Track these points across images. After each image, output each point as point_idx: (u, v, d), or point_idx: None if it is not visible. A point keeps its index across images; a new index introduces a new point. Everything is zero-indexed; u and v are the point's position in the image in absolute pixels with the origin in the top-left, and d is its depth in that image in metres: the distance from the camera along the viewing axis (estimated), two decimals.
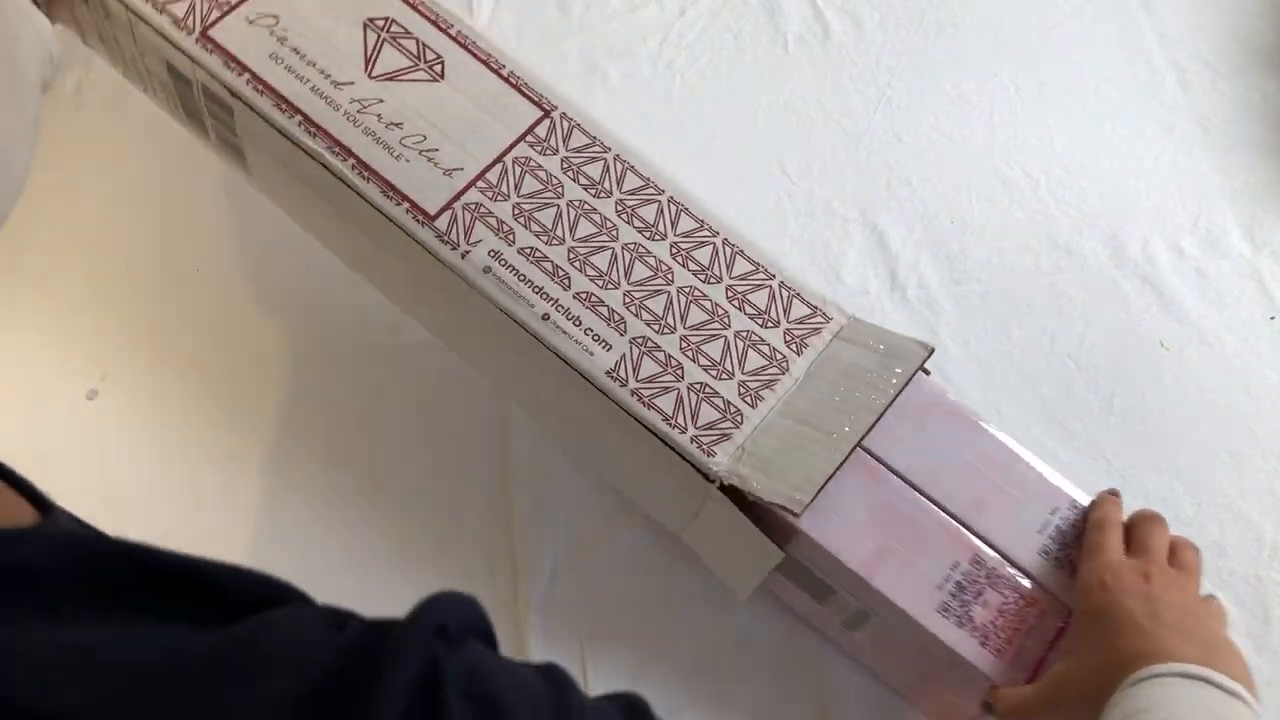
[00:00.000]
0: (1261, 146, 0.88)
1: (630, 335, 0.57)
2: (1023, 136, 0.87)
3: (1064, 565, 0.58)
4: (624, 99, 0.88)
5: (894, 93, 0.89)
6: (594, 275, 0.58)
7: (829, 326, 0.60)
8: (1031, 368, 0.77)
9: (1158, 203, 0.84)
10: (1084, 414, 0.75)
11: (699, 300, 0.59)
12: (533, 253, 0.58)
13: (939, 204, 0.83)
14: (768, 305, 0.59)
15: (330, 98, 0.60)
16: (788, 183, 0.84)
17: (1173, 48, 0.93)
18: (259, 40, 0.60)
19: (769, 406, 0.56)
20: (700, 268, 0.59)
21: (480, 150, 0.60)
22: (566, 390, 0.58)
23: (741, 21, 0.92)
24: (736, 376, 0.57)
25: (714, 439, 0.55)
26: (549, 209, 0.59)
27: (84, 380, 0.72)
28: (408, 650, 0.27)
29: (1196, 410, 0.75)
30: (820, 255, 0.81)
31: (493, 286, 0.57)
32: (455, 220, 0.58)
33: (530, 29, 0.91)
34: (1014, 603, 0.56)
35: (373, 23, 0.62)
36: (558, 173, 0.60)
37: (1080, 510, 0.59)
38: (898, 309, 0.79)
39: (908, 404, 0.59)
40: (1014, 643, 0.55)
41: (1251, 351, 0.78)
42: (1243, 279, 0.81)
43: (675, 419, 0.55)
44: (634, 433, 0.56)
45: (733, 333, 0.58)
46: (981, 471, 0.59)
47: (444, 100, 0.61)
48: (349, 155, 0.59)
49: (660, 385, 0.56)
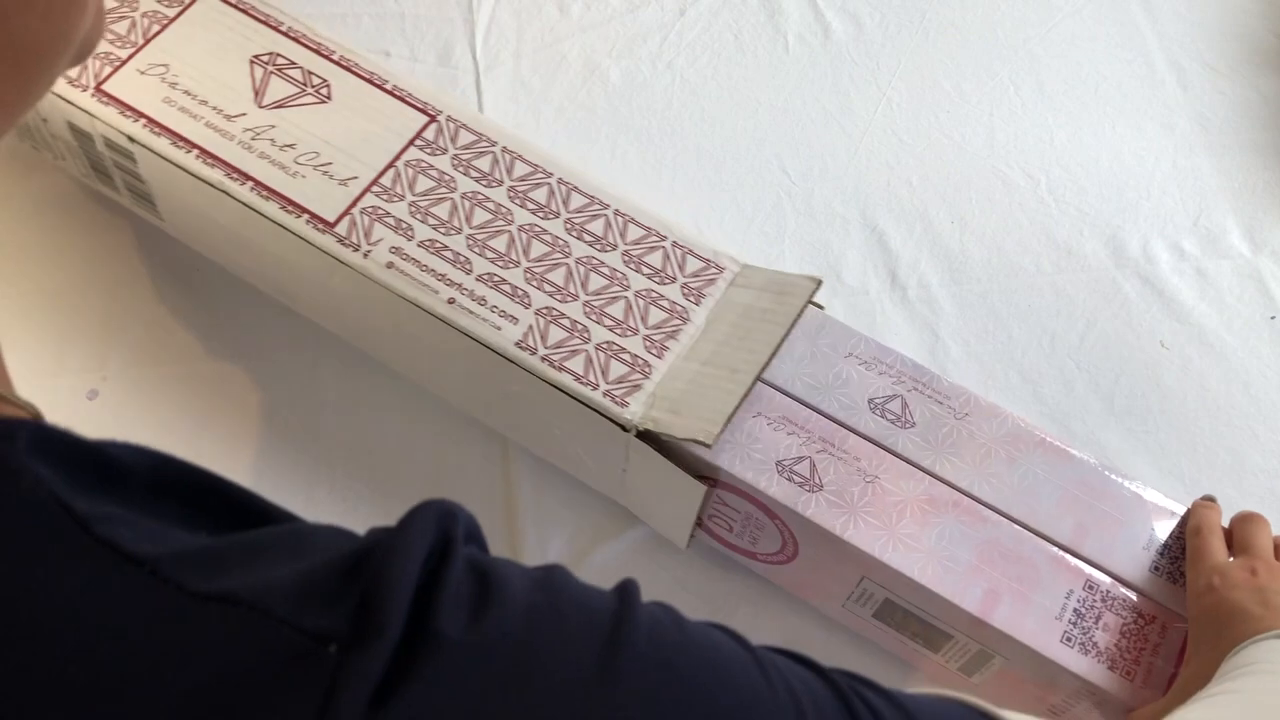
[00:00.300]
0: (1261, 146, 0.88)
1: (535, 307, 0.61)
2: (1023, 136, 0.87)
3: (1176, 578, 0.57)
4: (624, 99, 0.88)
5: (894, 93, 0.89)
6: (494, 257, 0.62)
7: (723, 276, 0.63)
8: (1031, 368, 0.77)
9: (1158, 203, 0.84)
10: (1084, 414, 0.75)
11: (597, 268, 0.62)
12: (432, 244, 0.62)
13: (939, 204, 0.83)
14: (663, 264, 0.63)
15: (224, 129, 0.65)
16: (788, 183, 0.84)
17: (1173, 48, 0.93)
18: (151, 88, 0.66)
19: (675, 355, 0.60)
20: (595, 238, 0.63)
21: (372, 158, 0.64)
22: (484, 369, 0.61)
23: (741, 21, 0.92)
24: (641, 332, 0.61)
25: (625, 390, 0.59)
26: (444, 203, 0.63)
27: (84, 380, 0.72)
28: (422, 524, 0.28)
29: (1196, 410, 0.75)
30: (820, 255, 0.81)
31: (397, 280, 0.61)
32: (355, 224, 0.62)
33: (530, 29, 0.91)
34: (1134, 622, 0.56)
35: (259, 59, 0.67)
36: (449, 169, 0.65)
37: (1181, 521, 0.59)
38: (898, 309, 0.79)
39: (997, 440, 0.60)
40: (1141, 662, 0.55)
41: (1251, 351, 0.78)
42: (1243, 279, 0.81)
43: (587, 378, 0.59)
44: (551, 398, 0.59)
45: (633, 293, 0.62)
46: (1077, 497, 0.59)
47: (333, 119, 0.66)
48: (247, 179, 0.63)
49: (569, 349, 0.60)
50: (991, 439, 0.61)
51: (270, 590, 0.27)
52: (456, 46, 0.90)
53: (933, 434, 0.60)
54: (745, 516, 0.61)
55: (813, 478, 0.59)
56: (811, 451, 0.59)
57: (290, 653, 0.26)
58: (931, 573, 0.56)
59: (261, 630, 0.26)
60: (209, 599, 0.27)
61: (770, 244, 0.81)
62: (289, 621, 0.26)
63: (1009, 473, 0.60)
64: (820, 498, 0.58)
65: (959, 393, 0.62)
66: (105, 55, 0.66)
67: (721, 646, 0.30)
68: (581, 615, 0.29)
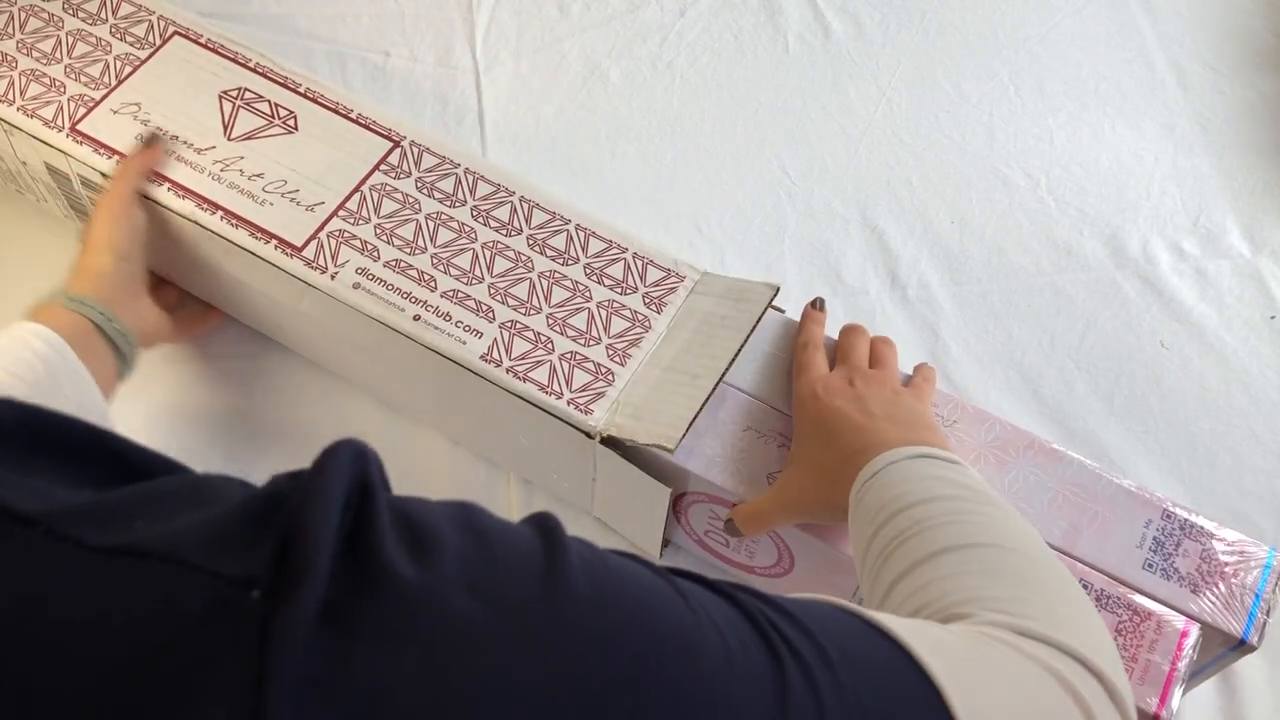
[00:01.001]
0: (1261, 146, 0.88)
1: (499, 321, 0.62)
2: (1023, 136, 0.87)
3: (1171, 576, 0.58)
4: (624, 99, 0.88)
5: (894, 93, 0.89)
6: (458, 274, 0.64)
7: (684, 284, 0.65)
8: (1031, 368, 0.77)
9: (1158, 203, 0.84)
10: (1085, 414, 0.75)
11: (560, 281, 0.64)
12: (398, 264, 0.64)
13: (939, 204, 0.83)
14: (624, 275, 0.65)
15: (194, 162, 0.67)
16: (788, 183, 0.84)
17: (1173, 48, 0.93)
18: (124, 125, 0.68)
19: (637, 362, 0.62)
20: (558, 253, 0.65)
21: (339, 184, 0.67)
22: (452, 384, 0.62)
23: (741, 21, 0.92)
24: (603, 341, 0.62)
25: (589, 398, 0.60)
26: (409, 224, 0.65)
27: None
28: (338, 466, 0.27)
29: (1196, 410, 0.75)
30: (820, 255, 0.81)
31: (364, 300, 0.62)
32: (322, 248, 0.64)
33: (530, 29, 0.91)
34: (1129, 620, 0.56)
35: (227, 94, 0.70)
36: (413, 192, 0.67)
37: (1175, 519, 0.59)
38: (898, 309, 0.79)
39: (987, 445, 0.61)
40: (1139, 660, 0.55)
41: (1251, 351, 0.78)
42: (1243, 279, 0.81)
43: (551, 387, 0.60)
44: (518, 409, 0.61)
45: (595, 304, 0.63)
46: (1069, 498, 0.60)
47: (300, 148, 0.68)
48: (216, 208, 0.65)
49: (533, 360, 0.61)
50: (982, 444, 0.61)
51: (179, 539, 0.25)
52: (456, 46, 0.90)
53: None
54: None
55: None
56: None
57: (211, 601, 0.24)
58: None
59: (176, 581, 0.25)
60: (114, 553, 0.25)
61: (770, 244, 0.81)
62: (205, 568, 0.25)
63: (1000, 477, 0.60)
64: None
65: (947, 400, 0.62)
66: (79, 97, 0.69)
67: (644, 578, 0.31)
68: (513, 557, 0.28)
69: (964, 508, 0.46)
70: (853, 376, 0.59)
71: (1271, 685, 0.66)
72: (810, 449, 0.57)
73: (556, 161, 0.84)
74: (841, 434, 0.55)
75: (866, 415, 0.56)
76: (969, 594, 0.41)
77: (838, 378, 0.59)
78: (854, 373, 0.59)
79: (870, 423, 0.55)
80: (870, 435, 0.54)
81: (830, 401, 0.57)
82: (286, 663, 0.23)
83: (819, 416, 0.57)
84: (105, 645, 0.24)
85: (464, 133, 0.85)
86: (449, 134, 0.85)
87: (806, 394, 0.59)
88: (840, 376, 0.59)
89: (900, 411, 0.56)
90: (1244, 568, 0.57)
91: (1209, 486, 0.72)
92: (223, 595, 0.24)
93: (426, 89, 0.87)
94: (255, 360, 0.74)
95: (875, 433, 0.54)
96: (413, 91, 0.87)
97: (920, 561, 0.43)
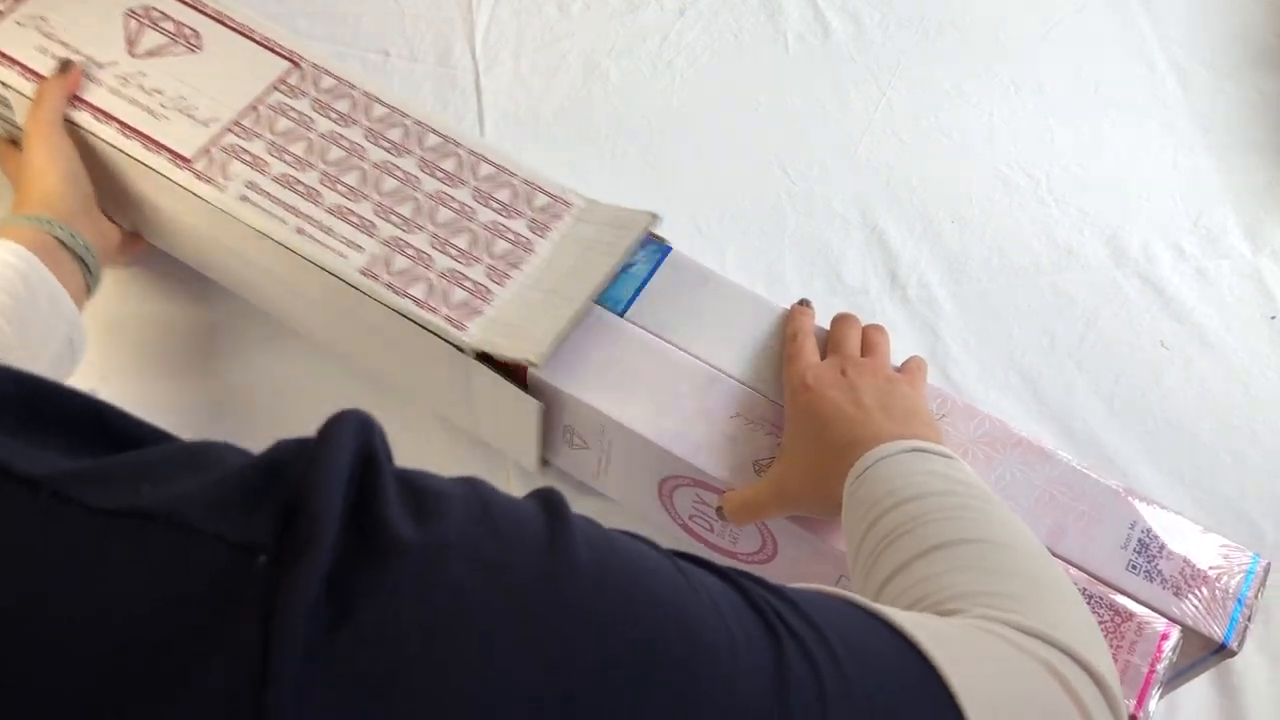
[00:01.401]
0: (1261, 146, 0.88)
1: (382, 238, 0.63)
2: (1023, 136, 0.87)
3: (1154, 577, 0.57)
4: (624, 99, 0.88)
5: (894, 93, 0.89)
6: (345, 191, 0.65)
7: (570, 211, 0.66)
8: (1031, 368, 0.77)
9: (1158, 203, 0.84)
10: (1085, 414, 0.75)
11: (446, 202, 0.65)
12: (286, 179, 0.65)
13: (939, 204, 0.83)
14: (512, 200, 0.66)
15: (94, 75, 0.68)
16: (788, 183, 0.84)
17: (1173, 48, 0.93)
18: (27, 37, 0.69)
19: (517, 284, 0.63)
20: (447, 175, 0.66)
21: (235, 101, 0.68)
22: (333, 299, 0.64)
23: (741, 21, 0.92)
24: (485, 261, 0.63)
25: (465, 315, 0.61)
26: (300, 141, 0.66)
27: (84, 381, 0.72)
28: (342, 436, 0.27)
29: (1197, 410, 0.75)
30: (820, 255, 0.81)
31: (249, 212, 0.64)
32: (212, 161, 0.65)
33: (530, 29, 0.91)
34: (1111, 620, 0.56)
35: (133, 12, 0.71)
36: (308, 111, 0.68)
37: (1160, 521, 0.59)
38: (898, 309, 0.79)
39: (974, 441, 0.61)
40: (1119, 660, 0.54)
41: (1251, 351, 0.78)
42: (1243, 279, 0.81)
43: (428, 303, 0.61)
44: (396, 324, 0.62)
45: (480, 225, 0.65)
46: (1054, 496, 0.59)
47: (202, 66, 0.69)
48: (111, 120, 0.66)
49: (412, 276, 0.62)
50: (969, 440, 0.61)
51: (181, 502, 0.25)
52: (456, 46, 0.90)
53: None
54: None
55: None
56: None
57: (215, 565, 0.24)
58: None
59: (181, 544, 0.25)
60: (119, 515, 0.25)
61: (770, 244, 0.81)
62: (208, 531, 0.25)
63: (987, 473, 0.60)
64: None
65: (936, 394, 0.62)
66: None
67: (648, 556, 0.31)
68: (518, 529, 0.29)
69: (957, 503, 0.46)
70: (844, 365, 0.58)
71: (1271, 685, 0.66)
72: (802, 441, 0.57)
73: (556, 161, 0.84)
74: (834, 425, 0.55)
75: (858, 406, 0.55)
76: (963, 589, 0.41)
77: (829, 367, 0.58)
78: (846, 362, 0.59)
79: (862, 414, 0.54)
80: (863, 427, 0.53)
81: (822, 392, 0.56)
82: (292, 627, 0.23)
83: (810, 407, 0.57)
84: (109, 606, 0.24)
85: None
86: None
87: (797, 384, 0.58)
88: (832, 366, 0.58)
89: (893, 400, 0.55)
90: (1228, 572, 0.57)
91: (1209, 486, 0.72)
92: (226, 560, 0.25)
93: (426, 89, 0.87)
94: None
95: (868, 424, 0.53)
96: (413, 91, 0.87)
97: (914, 558, 0.43)
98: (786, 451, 0.58)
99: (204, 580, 0.24)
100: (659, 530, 0.67)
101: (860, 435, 0.53)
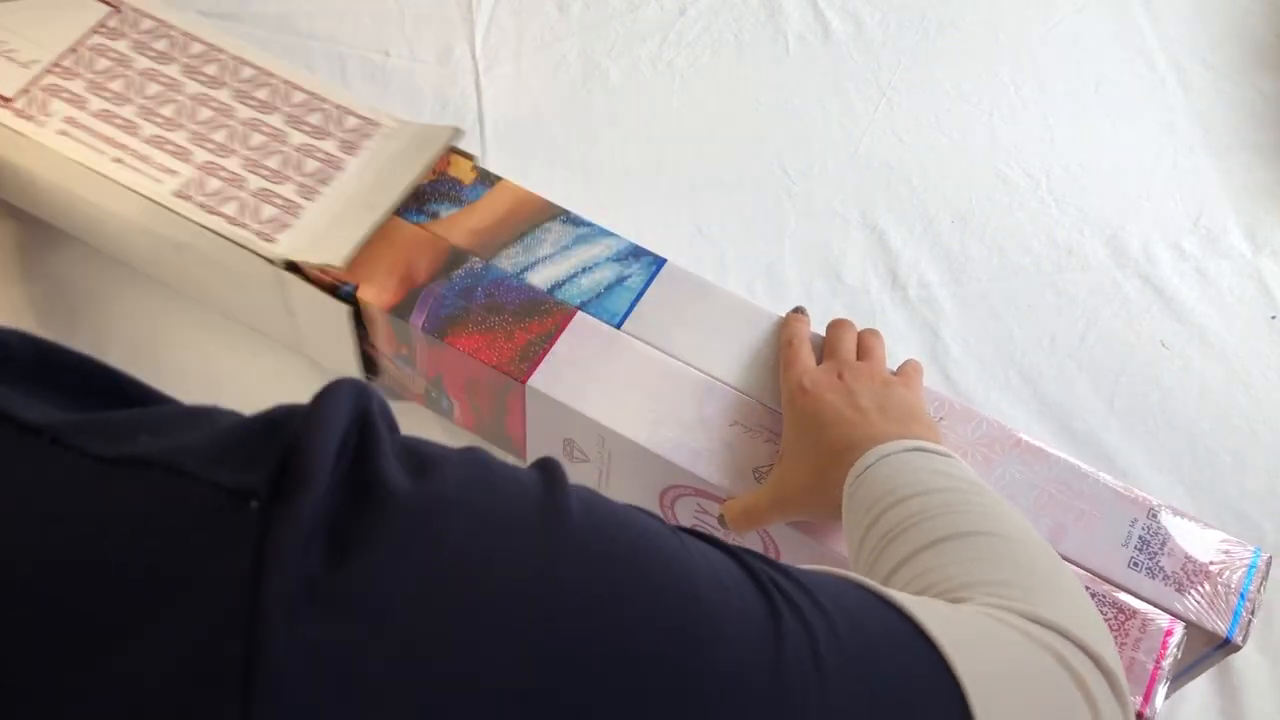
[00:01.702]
0: (1261, 146, 0.88)
1: (196, 163, 0.67)
2: (1023, 136, 0.87)
3: (1155, 574, 0.57)
4: (624, 99, 0.88)
5: (894, 93, 0.89)
6: (161, 122, 0.69)
7: (380, 130, 0.70)
8: (1032, 368, 0.77)
9: (1158, 203, 0.84)
10: (1085, 414, 0.75)
11: (259, 128, 0.69)
12: (105, 114, 0.69)
13: (939, 204, 0.83)
14: (323, 123, 0.70)
15: None
16: (788, 183, 0.84)
17: (1173, 48, 0.93)
18: None
19: (326, 198, 0.67)
20: (260, 103, 0.70)
21: (56, 44, 0.72)
22: (151, 224, 0.67)
23: (741, 21, 0.92)
24: (295, 180, 0.67)
25: (275, 228, 0.65)
26: (119, 79, 0.70)
27: None
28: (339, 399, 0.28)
29: (1197, 410, 0.75)
30: (820, 255, 0.81)
31: (68, 145, 0.67)
32: (33, 99, 0.69)
33: (530, 29, 0.91)
34: (1114, 619, 0.56)
35: None
36: (128, 51, 0.71)
37: (1161, 518, 0.59)
38: (898, 309, 0.79)
39: (973, 443, 0.61)
40: (1124, 657, 0.54)
41: (1251, 351, 0.78)
42: (1243, 279, 0.81)
43: (240, 219, 0.65)
44: (209, 242, 0.65)
45: (291, 147, 0.69)
46: (1054, 496, 0.59)
47: (22, 12, 0.73)
48: None
49: (225, 196, 0.66)
50: (968, 442, 0.61)
51: (180, 451, 0.26)
52: (456, 46, 0.90)
53: None
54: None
55: None
56: None
57: (210, 510, 0.25)
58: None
59: (177, 490, 0.25)
60: (118, 462, 0.26)
61: (770, 244, 0.81)
62: (205, 478, 0.25)
63: (987, 474, 0.60)
64: None
65: (934, 398, 0.62)
66: None
67: (646, 520, 0.31)
68: (515, 485, 0.29)
69: (959, 499, 0.46)
70: (841, 370, 0.58)
71: (1272, 685, 0.66)
72: (801, 445, 0.57)
73: (556, 161, 0.84)
74: (832, 428, 0.55)
75: (856, 409, 0.55)
76: (970, 578, 0.41)
77: (825, 372, 0.59)
78: (842, 366, 0.59)
79: (860, 416, 0.54)
80: (861, 429, 0.53)
81: (820, 395, 0.57)
82: (285, 561, 0.24)
83: (808, 411, 0.57)
84: (103, 543, 0.25)
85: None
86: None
87: (794, 389, 0.58)
88: (828, 370, 0.59)
89: (891, 402, 0.55)
90: (1229, 567, 0.57)
91: (1209, 486, 0.72)
92: (222, 503, 0.25)
93: (426, 89, 0.87)
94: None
95: (866, 426, 0.53)
96: (413, 91, 0.87)
97: (919, 550, 0.43)
98: (785, 456, 0.58)
99: (198, 522, 0.25)
100: None
101: (859, 437, 0.53)
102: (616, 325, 0.63)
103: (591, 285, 0.65)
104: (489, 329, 0.63)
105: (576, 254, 0.66)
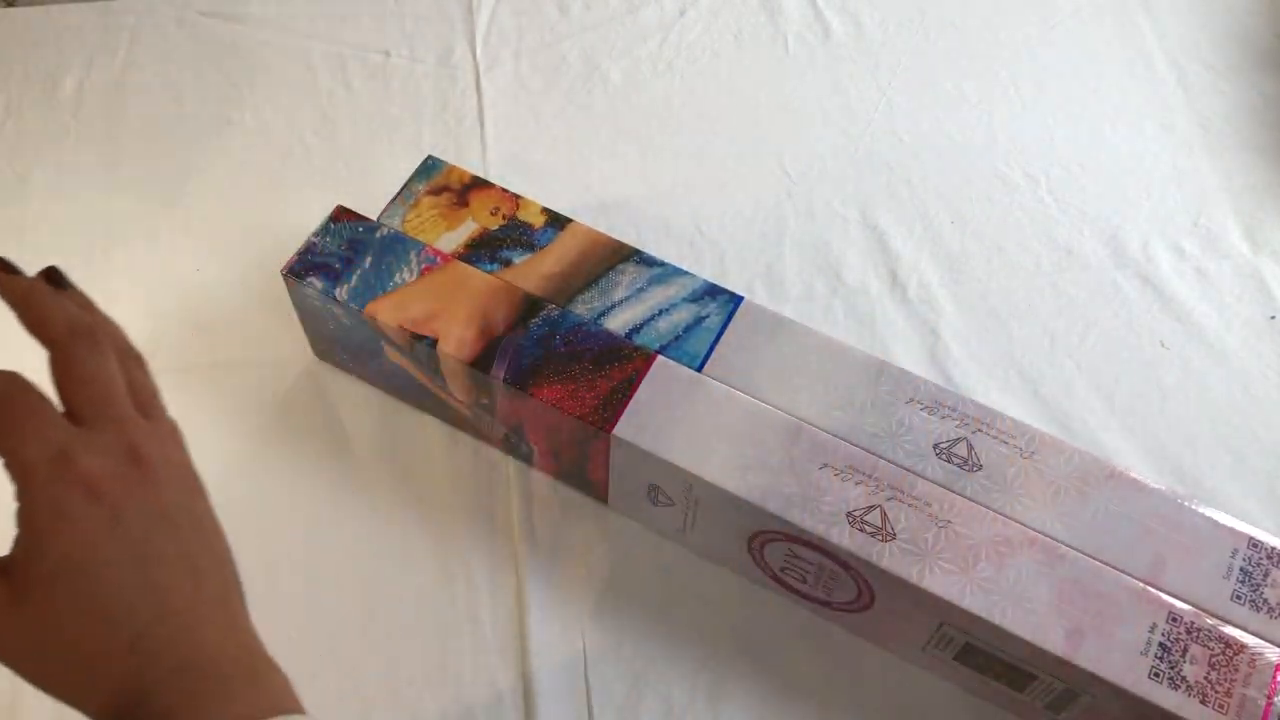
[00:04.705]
0: (1261, 147, 0.88)
1: None
2: (1023, 136, 0.87)
3: (1260, 607, 0.57)
4: (624, 99, 0.88)
5: (894, 93, 0.89)
6: None
7: None
8: (1031, 368, 0.77)
9: (1158, 203, 0.84)
10: (1085, 414, 0.75)
11: None
12: None
13: (939, 204, 0.84)
14: None
15: None
16: (788, 183, 0.84)
17: (1173, 48, 0.93)
18: None
19: None
20: None
21: None
22: None
23: (741, 21, 0.92)
24: None
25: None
26: None
27: None
28: None
29: (1197, 410, 0.75)
30: (820, 255, 0.81)
31: None
32: None
33: (530, 29, 0.91)
34: (1222, 654, 0.55)
35: None
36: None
37: (1262, 548, 0.58)
38: (898, 309, 0.79)
39: (1066, 477, 0.60)
40: (1233, 694, 0.54)
41: (1251, 351, 0.78)
42: (1243, 279, 0.81)
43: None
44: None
45: None
46: (1152, 528, 0.59)
47: None
48: None
49: None
50: (1061, 476, 0.60)
51: None
52: (456, 47, 0.90)
53: (1001, 475, 0.60)
54: (818, 568, 0.61)
55: (885, 526, 0.58)
56: (881, 500, 0.59)
57: None
58: (1012, 615, 0.56)
59: None
60: None
61: (770, 244, 0.81)
62: None
63: (1082, 509, 0.59)
64: (894, 546, 0.57)
65: (1023, 430, 0.61)
66: None
67: None
68: None
69: None
70: (89, 451, 0.34)
71: None
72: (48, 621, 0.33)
73: (556, 161, 0.84)
74: (103, 634, 0.32)
75: (146, 582, 0.32)
76: None
77: (76, 448, 0.34)
78: (93, 440, 0.35)
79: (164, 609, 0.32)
80: (169, 659, 0.31)
81: (69, 513, 0.32)
82: None
83: (59, 538, 0.33)
84: None
85: (464, 132, 0.85)
86: (449, 134, 0.85)
87: (33, 472, 0.34)
88: (76, 446, 0.34)
89: (197, 565, 0.33)
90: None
91: (1209, 487, 0.72)
92: None
93: (426, 89, 0.87)
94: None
95: (184, 647, 0.32)
96: (413, 91, 0.87)
97: None
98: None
99: None
100: (749, 581, 0.67)
101: (176, 690, 0.31)
102: (697, 368, 0.62)
103: (669, 328, 0.64)
104: (570, 378, 0.62)
105: (652, 295, 0.65)
